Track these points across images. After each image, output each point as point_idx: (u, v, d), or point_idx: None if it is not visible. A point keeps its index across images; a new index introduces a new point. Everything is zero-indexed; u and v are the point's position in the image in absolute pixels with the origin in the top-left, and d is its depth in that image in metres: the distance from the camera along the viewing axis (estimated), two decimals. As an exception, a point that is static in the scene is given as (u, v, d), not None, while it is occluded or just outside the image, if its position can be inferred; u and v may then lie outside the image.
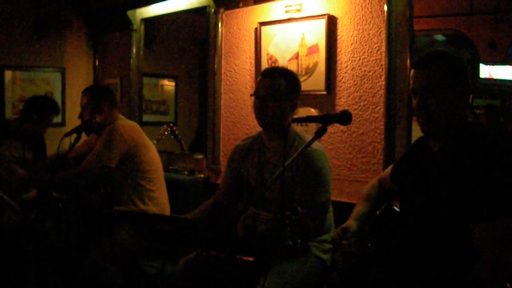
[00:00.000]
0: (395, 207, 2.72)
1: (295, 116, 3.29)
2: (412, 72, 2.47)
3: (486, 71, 9.17)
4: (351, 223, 2.70)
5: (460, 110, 2.38)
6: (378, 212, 2.68)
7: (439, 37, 8.27)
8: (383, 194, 2.87)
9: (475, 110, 8.55)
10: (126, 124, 4.20)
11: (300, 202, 3.03)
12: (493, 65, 8.72)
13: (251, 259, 2.76)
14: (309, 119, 2.86)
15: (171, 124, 5.63)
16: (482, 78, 9.35)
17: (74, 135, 3.84)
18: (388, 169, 2.91)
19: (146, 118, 6.30)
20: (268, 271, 2.62)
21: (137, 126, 4.32)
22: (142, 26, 5.90)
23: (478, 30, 6.61)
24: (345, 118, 2.55)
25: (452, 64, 2.40)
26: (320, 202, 3.04)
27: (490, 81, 9.38)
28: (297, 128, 3.25)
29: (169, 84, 7.25)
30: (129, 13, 5.84)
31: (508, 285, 2.24)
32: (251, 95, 3.27)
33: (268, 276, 2.72)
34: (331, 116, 2.55)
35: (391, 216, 2.64)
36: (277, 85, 3.12)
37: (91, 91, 4.30)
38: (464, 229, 2.17)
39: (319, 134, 2.49)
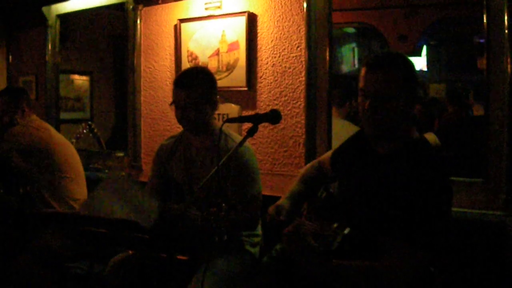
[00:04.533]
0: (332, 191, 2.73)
1: (217, 112, 3.35)
2: (364, 71, 2.38)
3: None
4: (283, 201, 2.72)
5: (408, 117, 2.37)
6: (320, 194, 2.65)
7: (350, 29, 8.45)
8: (321, 176, 2.88)
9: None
10: (37, 123, 4.20)
11: (233, 197, 3.08)
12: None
13: (184, 257, 2.79)
14: (240, 119, 2.91)
15: (89, 122, 5.57)
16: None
17: None
18: (329, 153, 2.92)
19: (62, 115, 6.17)
20: (204, 269, 2.64)
21: (49, 126, 4.31)
22: (58, 22, 5.76)
23: (389, 23, 6.80)
24: (275, 117, 2.59)
25: (408, 70, 2.34)
26: (252, 195, 3.11)
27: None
28: (220, 123, 3.27)
29: (83, 80, 7.13)
30: (44, 9, 5.69)
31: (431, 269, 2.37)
32: (170, 104, 3.23)
33: (202, 274, 2.75)
34: (262, 115, 2.58)
35: (330, 200, 2.65)
36: (192, 94, 3.09)
37: (9, 93, 4.24)
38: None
39: (250, 133, 2.53)
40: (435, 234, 2.16)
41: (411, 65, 2.38)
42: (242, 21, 4.18)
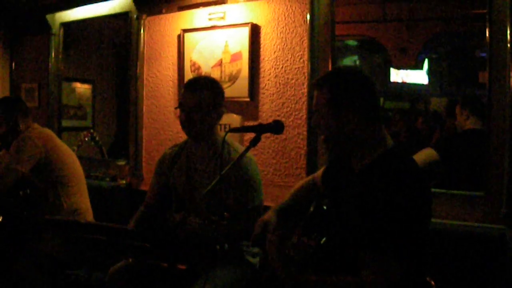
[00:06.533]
0: (324, 207, 2.74)
1: (219, 122, 3.35)
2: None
3: (397, 75, 9.48)
4: (270, 215, 2.71)
5: (374, 131, 2.34)
6: (311, 209, 2.65)
7: (352, 42, 8.47)
8: (315, 191, 2.85)
9: (389, 113, 8.83)
10: (39, 131, 4.17)
11: (234, 207, 3.08)
12: (404, 69, 9.03)
13: (183, 266, 2.78)
14: (244, 129, 2.89)
15: (91, 130, 5.58)
16: (392, 82, 9.68)
17: None
18: (322, 169, 2.88)
19: (64, 123, 6.19)
20: (203, 279, 2.64)
21: (51, 132, 4.28)
22: (62, 30, 5.80)
23: (391, 36, 6.83)
24: (278, 127, 2.60)
25: (340, 85, 2.30)
26: (253, 206, 3.12)
27: (400, 85, 9.70)
28: (222, 133, 3.28)
29: (85, 88, 7.14)
30: (49, 17, 5.73)
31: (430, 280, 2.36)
32: (176, 107, 3.26)
33: (202, 284, 2.75)
34: (265, 126, 2.59)
35: (317, 215, 2.65)
36: (201, 98, 3.12)
37: (2, 104, 4.23)
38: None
39: (253, 143, 2.53)
40: (407, 243, 2.13)
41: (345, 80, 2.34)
42: (245, 32, 4.20)
